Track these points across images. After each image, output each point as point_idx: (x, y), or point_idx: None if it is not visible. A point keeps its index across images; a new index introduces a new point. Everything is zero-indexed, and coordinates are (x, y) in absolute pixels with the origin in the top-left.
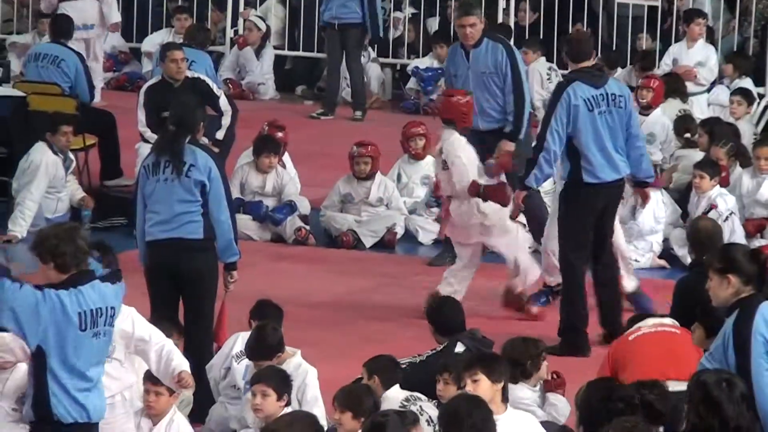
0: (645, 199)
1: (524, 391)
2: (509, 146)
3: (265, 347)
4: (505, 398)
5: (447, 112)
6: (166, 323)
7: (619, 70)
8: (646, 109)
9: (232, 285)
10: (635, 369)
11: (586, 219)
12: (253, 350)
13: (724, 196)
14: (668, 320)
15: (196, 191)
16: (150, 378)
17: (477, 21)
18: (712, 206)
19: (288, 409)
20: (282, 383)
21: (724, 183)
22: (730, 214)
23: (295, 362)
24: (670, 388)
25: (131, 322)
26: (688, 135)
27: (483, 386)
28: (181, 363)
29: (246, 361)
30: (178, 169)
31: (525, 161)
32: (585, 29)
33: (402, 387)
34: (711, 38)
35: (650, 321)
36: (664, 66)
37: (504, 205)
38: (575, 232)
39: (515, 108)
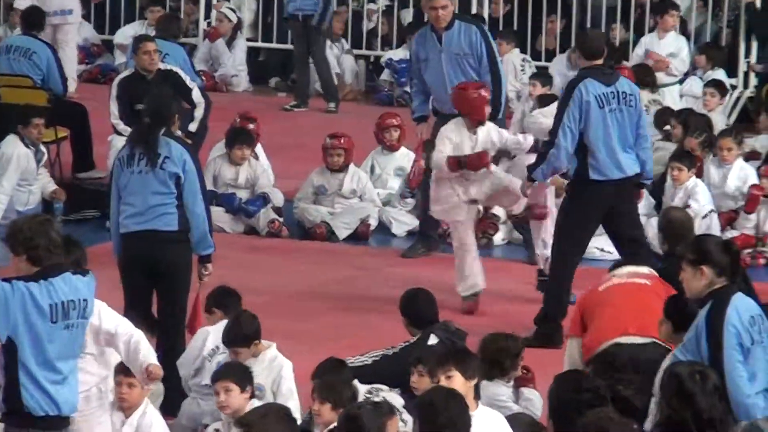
0: (639, 199)
1: (500, 388)
2: None
3: (242, 335)
4: (477, 395)
5: (460, 105)
6: (138, 321)
7: None
8: None
9: (207, 277)
10: (599, 324)
11: (590, 215)
12: (230, 338)
13: (698, 191)
14: (645, 269)
15: (170, 183)
16: (123, 370)
17: (448, 3)
18: (686, 207)
19: (257, 402)
20: (241, 375)
21: (698, 174)
22: (710, 211)
23: (270, 355)
24: (626, 341)
25: (98, 315)
26: (668, 127)
27: (456, 383)
28: (148, 355)
29: (219, 358)
30: (153, 161)
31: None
32: (558, 20)
33: (370, 380)
34: (684, 29)
35: (626, 270)
36: (636, 57)
37: (487, 167)
38: (575, 227)
39: (493, 88)
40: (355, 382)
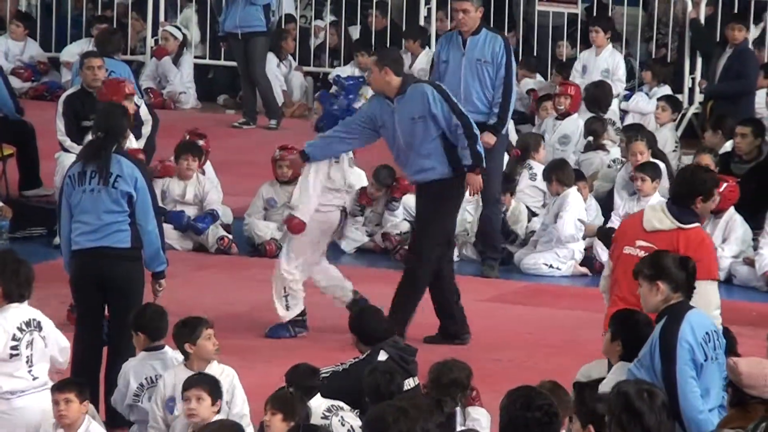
0: None
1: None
2: (491, 138)
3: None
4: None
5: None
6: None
7: (540, 78)
8: (564, 116)
9: (161, 293)
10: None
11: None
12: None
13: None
14: (667, 220)
15: (123, 202)
16: (57, 388)
17: (471, 8)
18: None
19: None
20: (215, 388)
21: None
22: None
23: (215, 369)
24: None
25: None
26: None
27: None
28: None
29: (149, 393)
30: (105, 179)
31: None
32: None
33: (323, 395)
34: (626, 46)
35: (652, 215)
36: (575, 72)
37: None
38: (451, 227)
39: (502, 101)
40: (313, 399)
